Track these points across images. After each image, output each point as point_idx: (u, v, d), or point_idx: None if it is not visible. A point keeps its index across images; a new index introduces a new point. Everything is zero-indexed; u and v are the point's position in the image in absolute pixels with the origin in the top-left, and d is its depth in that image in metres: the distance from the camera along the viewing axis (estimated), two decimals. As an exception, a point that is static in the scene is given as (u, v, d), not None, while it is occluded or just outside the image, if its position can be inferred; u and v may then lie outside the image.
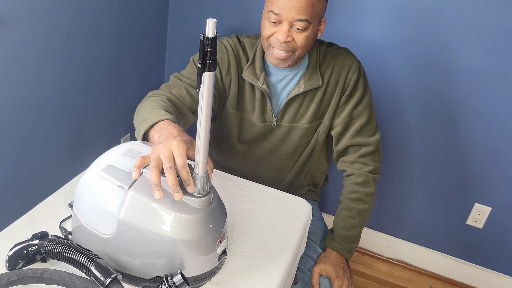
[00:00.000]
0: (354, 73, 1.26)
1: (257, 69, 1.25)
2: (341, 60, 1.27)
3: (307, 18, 1.10)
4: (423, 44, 1.62)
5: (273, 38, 1.15)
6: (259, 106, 1.29)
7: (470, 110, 1.67)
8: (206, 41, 0.71)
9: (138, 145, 0.92)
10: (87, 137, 1.68)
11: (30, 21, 1.28)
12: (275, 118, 1.30)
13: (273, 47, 1.16)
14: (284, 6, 1.09)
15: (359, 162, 1.32)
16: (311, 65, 1.25)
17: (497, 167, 1.73)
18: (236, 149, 1.39)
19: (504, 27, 1.50)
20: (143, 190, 0.80)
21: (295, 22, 1.11)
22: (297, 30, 1.13)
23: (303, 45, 1.15)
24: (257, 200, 1.15)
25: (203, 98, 0.76)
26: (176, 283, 0.78)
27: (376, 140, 1.32)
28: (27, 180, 1.45)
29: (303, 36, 1.14)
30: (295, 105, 1.29)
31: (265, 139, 1.36)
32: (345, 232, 1.30)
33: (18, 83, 1.31)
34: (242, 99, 1.30)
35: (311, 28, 1.14)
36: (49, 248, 0.80)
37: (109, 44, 1.64)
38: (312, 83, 1.25)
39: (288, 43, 1.14)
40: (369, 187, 1.32)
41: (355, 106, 1.28)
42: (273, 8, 1.11)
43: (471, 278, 1.97)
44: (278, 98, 1.29)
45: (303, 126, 1.31)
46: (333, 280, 1.24)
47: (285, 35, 1.12)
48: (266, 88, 1.24)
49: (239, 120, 1.33)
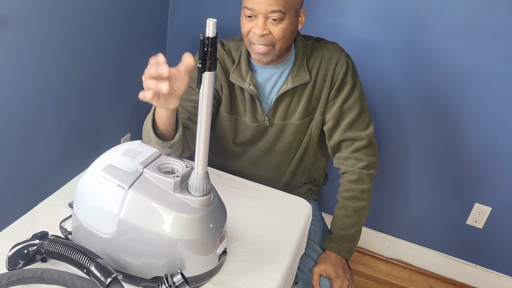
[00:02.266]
0: (342, 66, 1.25)
1: (243, 71, 1.25)
2: (329, 54, 1.26)
3: (280, 8, 1.11)
4: (423, 44, 1.62)
5: (251, 34, 1.15)
6: (250, 107, 1.29)
7: (470, 110, 1.67)
8: (206, 41, 0.71)
9: (138, 145, 0.91)
10: (87, 137, 1.68)
11: (30, 21, 1.28)
12: (267, 117, 1.30)
13: (253, 43, 1.17)
14: (256, 1, 1.11)
15: (352, 158, 1.31)
16: (297, 61, 1.25)
17: (497, 167, 1.73)
18: (232, 151, 1.39)
19: (504, 27, 1.50)
20: (143, 190, 0.80)
21: (269, 14, 1.11)
22: (272, 22, 1.13)
23: (281, 37, 1.15)
24: (257, 200, 1.15)
25: (203, 98, 0.76)
26: (176, 283, 0.78)
27: (369, 134, 1.30)
28: (27, 180, 1.45)
29: (279, 28, 1.13)
30: (286, 102, 1.28)
31: (259, 139, 1.36)
32: (342, 232, 1.30)
33: (18, 83, 1.31)
34: (234, 101, 1.31)
35: (287, 19, 1.14)
36: (49, 248, 0.80)
37: (109, 44, 1.64)
38: (300, 79, 1.24)
39: (266, 37, 1.14)
40: (364, 183, 1.31)
41: (345, 100, 1.27)
42: (247, 4, 1.13)
43: (471, 278, 1.97)
44: (268, 97, 1.29)
45: (295, 122, 1.31)
46: (333, 280, 1.24)
47: (261, 28, 1.12)
48: (253, 88, 1.24)
49: (233, 123, 1.33)
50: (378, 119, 1.80)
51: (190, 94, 1.25)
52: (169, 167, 0.87)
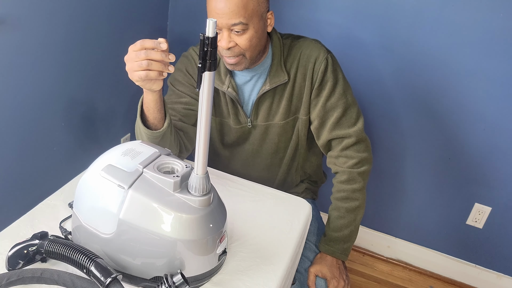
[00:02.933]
0: (321, 64, 1.22)
1: (222, 74, 1.25)
2: (307, 52, 1.24)
3: (241, 20, 1.09)
4: (423, 44, 1.62)
5: (219, 47, 1.14)
6: (232, 109, 1.29)
7: (470, 110, 1.67)
8: (206, 41, 0.71)
9: (138, 145, 0.92)
10: (87, 137, 1.68)
11: (30, 21, 1.28)
12: (249, 119, 1.30)
13: (222, 55, 1.16)
14: (216, 15, 1.09)
15: (342, 156, 1.29)
16: (275, 61, 1.23)
17: (497, 167, 1.73)
18: (220, 154, 1.40)
19: (504, 27, 1.50)
20: (143, 189, 0.80)
21: (232, 27, 1.10)
22: (236, 33, 1.11)
23: (248, 47, 1.14)
24: (257, 200, 1.15)
25: (203, 98, 0.76)
26: (176, 283, 0.78)
27: (357, 130, 1.27)
28: (27, 180, 1.45)
29: (244, 38, 1.12)
30: (267, 103, 1.28)
31: (245, 141, 1.35)
32: (336, 234, 1.29)
33: (18, 83, 1.31)
34: (218, 104, 1.30)
35: (252, 28, 1.12)
36: (49, 248, 0.80)
37: (109, 44, 1.64)
38: (278, 79, 1.23)
39: (233, 49, 1.13)
40: (355, 183, 1.28)
41: (327, 98, 1.25)
42: (209, 17, 1.10)
43: (471, 278, 1.97)
44: (249, 99, 1.29)
45: (278, 123, 1.30)
46: (329, 280, 1.24)
47: (226, 41, 1.11)
48: (231, 91, 1.24)
49: (218, 125, 1.33)
50: (379, 119, 1.80)
51: (179, 97, 1.26)
52: (169, 167, 0.87)
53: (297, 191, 1.46)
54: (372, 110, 1.79)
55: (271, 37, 1.24)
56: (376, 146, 1.83)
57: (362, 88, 1.74)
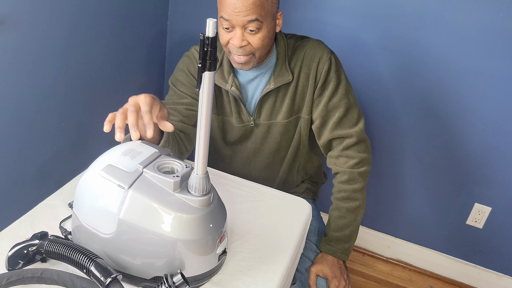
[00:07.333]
0: (324, 64, 1.24)
1: (225, 72, 1.25)
2: (311, 52, 1.25)
3: (257, 17, 1.09)
4: (423, 43, 1.62)
5: (230, 45, 1.15)
6: (235, 107, 1.29)
7: (470, 110, 1.67)
8: (206, 41, 0.71)
9: (138, 145, 0.92)
10: (87, 137, 1.68)
11: (30, 21, 1.28)
12: (252, 118, 1.30)
13: (232, 53, 1.16)
14: (232, 12, 1.09)
15: (343, 156, 1.29)
16: (279, 61, 1.24)
17: (497, 167, 1.73)
18: (221, 152, 1.40)
19: (504, 27, 1.50)
20: (143, 189, 0.80)
21: (247, 25, 1.10)
22: (250, 32, 1.12)
23: (260, 46, 1.14)
24: (257, 200, 1.15)
25: (203, 98, 0.76)
26: (176, 283, 0.78)
27: (358, 130, 1.28)
28: (27, 180, 1.45)
29: (257, 38, 1.13)
30: (270, 102, 1.28)
31: (247, 139, 1.36)
32: (336, 234, 1.29)
33: (18, 83, 1.31)
34: (221, 102, 1.31)
35: (265, 27, 1.13)
36: (49, 248, 0.80)
37: (109, 44, 1.64)
38: (282, 79, 1.24)
39: (245, 47, 1.14)
40: (356, 183, 1.29)
41: (330, 98, 1.26)
42: (223, 14, 1.11)
43: (471, 278, 1.97)
44: (252, 97, 1.29)
45: (281, 122, 1.30)
46: (330, 280, 1.24)
47: (239, 40, 1.12)
48: (235, 90, 1.24)
49: (220, 123, 1.34)
50: (379, 119, 1.80)
51: (180, 97, 1.26)
52: (169, 167, 0.87)
53: (297, 191, 1.46)
54: (373, 110, 1.79)
55: (275, 37, 1.25)
56: (376, 146, 1.83)
57: (362, 88, 1.74)
